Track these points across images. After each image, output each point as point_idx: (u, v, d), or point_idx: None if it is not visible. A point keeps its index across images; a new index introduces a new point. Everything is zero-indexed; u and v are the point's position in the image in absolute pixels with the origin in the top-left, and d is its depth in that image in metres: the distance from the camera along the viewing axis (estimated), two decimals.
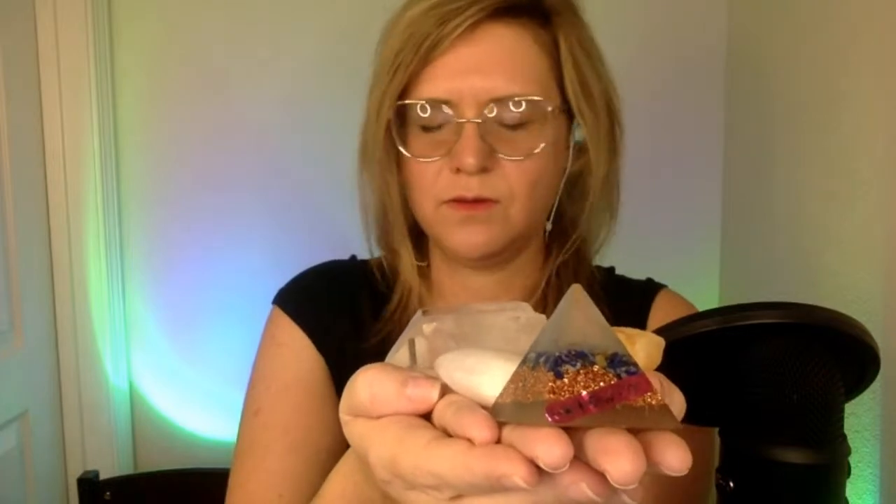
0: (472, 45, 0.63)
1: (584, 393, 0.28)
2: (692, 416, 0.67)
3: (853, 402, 0.62)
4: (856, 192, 0.93)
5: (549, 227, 0.72)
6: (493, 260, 0.69)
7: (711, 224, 1.45)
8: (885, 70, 0.87)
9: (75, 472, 1.39)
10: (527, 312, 0.38)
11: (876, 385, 0.61)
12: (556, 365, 0.29)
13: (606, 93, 0.69)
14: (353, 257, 0.82)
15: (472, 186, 0.63)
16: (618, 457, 0.27)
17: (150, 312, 1.49)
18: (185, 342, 1.49)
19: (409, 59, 0.63)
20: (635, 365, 0.30)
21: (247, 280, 1.44)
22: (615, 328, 0.33)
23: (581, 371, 0.29)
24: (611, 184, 0.72)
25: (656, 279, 0.80)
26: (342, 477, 0.45)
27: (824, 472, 0.52)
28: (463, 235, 0.66)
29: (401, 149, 0.66)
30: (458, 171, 0.63)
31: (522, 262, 0.72)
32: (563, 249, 0.73)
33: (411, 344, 0.38)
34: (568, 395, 0.28)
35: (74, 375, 1.44)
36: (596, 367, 0.29)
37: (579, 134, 0.69)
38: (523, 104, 0.63)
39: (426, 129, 0.65)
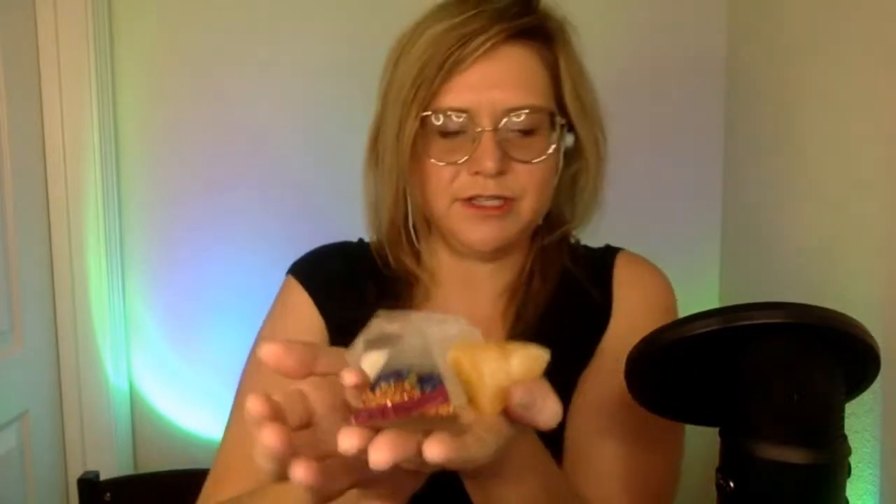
0: (490, 62, 0.71)
1: (388, 404, 0.38)
2: (692, 417, 0.67)
3: (853, 402, 0.62)
4: (856, 193, 0.93)
5: (540, 220, 0.80)
6: (499, 251, 0.78)
7: (711, 224, 1.45)
8: (886, 70, 0.87)
9: (75, 472, 1.39)
10: (460, 325, 0.44)
11: (876, 385, 0.61)
12: (376, 382, 0.40)
13: (594, 105, 0.78)
14: (361, 240, 0.88)
15: (489, 186, 0.72)
16: (376, 447, 0.35)
17: (150, 312, 1.49)
18: (185, 342, 1.49)
19: (433, 74, 0.71)
20: (441, 383, 0.40)
21: (246, 280, 1.44)
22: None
23: (393, 386, 0.40)
24: (600, 183, 0.80)
25: None
26: None
27: (824, 472, 0.52)
28: (479, 233, 0.74)
29: (426, 155, 0.73)
30: (476, 173, 0.71)
31: (515, 249, 0.81)
32: (548, 235, 0.82)
33: (363, 339, 0.45)
34: (375, 405, 0.39)
35: (74, 375, 1.43)
36: (406, 384, 0.40)
37: (568, 141, 0.78)
38: (533, 115, 0.72)
39: (444, 135, 0.72)
